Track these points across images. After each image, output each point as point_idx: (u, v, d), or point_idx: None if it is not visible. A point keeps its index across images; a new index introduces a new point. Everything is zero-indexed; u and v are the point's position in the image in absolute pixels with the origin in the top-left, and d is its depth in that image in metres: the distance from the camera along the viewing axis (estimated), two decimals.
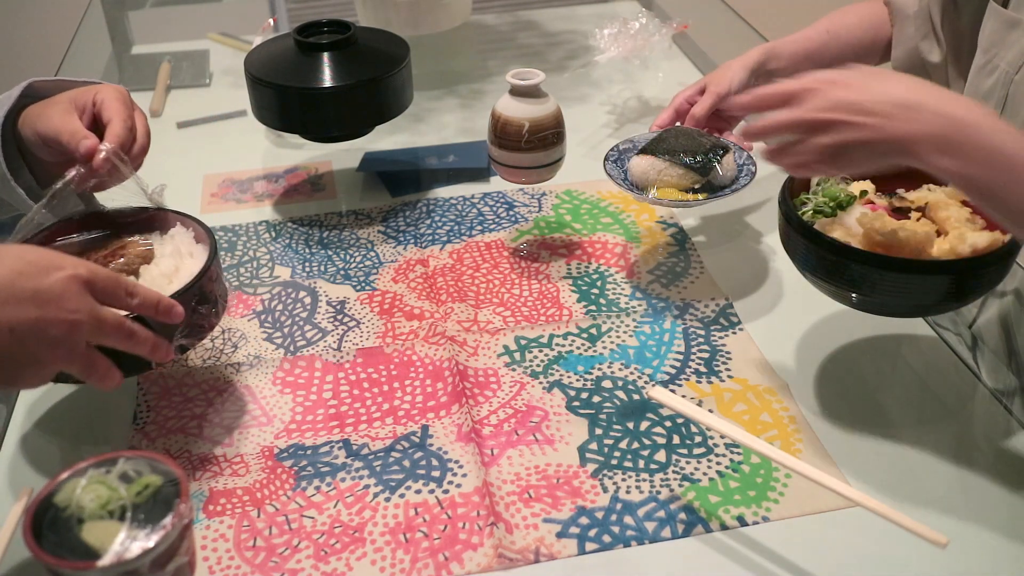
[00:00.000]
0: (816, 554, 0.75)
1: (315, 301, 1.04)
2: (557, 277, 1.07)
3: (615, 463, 0.84)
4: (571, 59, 1.58)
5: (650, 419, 0.88)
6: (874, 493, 0.71)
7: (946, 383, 0.94)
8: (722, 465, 0.83)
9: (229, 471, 0.84)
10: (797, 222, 0.87)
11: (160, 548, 0.64)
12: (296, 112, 1.14)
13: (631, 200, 1.21)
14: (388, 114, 1.17)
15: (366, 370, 0.95)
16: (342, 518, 0.79)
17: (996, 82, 0.99)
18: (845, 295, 0.87)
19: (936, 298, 0.84)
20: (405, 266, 1.10)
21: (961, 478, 0.82)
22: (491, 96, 1.44)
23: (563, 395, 0.91)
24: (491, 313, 1.02)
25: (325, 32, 1.19)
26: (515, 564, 0.75)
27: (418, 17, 1.57)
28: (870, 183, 0.95)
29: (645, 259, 1.10)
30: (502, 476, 0.83)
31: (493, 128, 1.04)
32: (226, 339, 0.99)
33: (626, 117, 1.41)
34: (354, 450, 0.86)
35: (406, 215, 1.19)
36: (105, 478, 0.67)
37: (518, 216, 1.18)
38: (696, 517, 0.79)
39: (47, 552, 0.63)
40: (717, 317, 1.01)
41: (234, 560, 0.76)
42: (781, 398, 0.90)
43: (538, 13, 1.79)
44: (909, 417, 0.89)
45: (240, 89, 1.19)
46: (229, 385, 0.93)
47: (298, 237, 1.15)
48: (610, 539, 0.77)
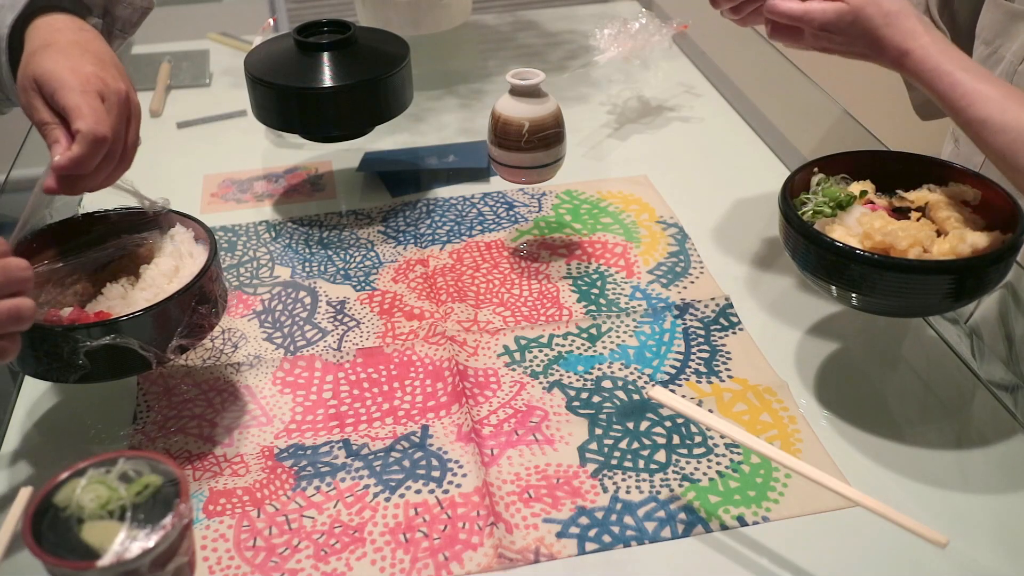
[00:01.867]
0: (816, 554, 0.75)
1: (315, 301, 1.04)
2: (557, 277, 1.07)
3: (615, 463, 0.84)
4: (571, 59, 1.58)
5: (650, 419, 0.88)
6: (874, 493, 0.70)
7: (946, 383, 0.94)
8: (722, 465, 0.83)
9: (229, 471, 0.84)
10: (797, 222, 0.87)
11: (160, 548, 0.64)
12: (296, 112, 1.14)
13: (631, 200, 1.21)
14: (388, 114, 1.17)
15: (366, 370, 0.95)
16: (342, 518, 0.79)
17: (1001, 72, 1.00)
18: (845, 295, 0.87)
19: (936, 298, 0.84)
20: (405, 266, 1.10)
21: (961, 478, 0.82)
22: (491, 96, 1.44)
23: (563, 395, 0.91)
24: (491, 313, 1.02)
25: (325, 32, 1.19)
26: (515, 564, 0.75)
27: (418, 17, 1.57)
28: (870, 183, 0.95)
29: (645, 259, 1.10)
30: (502, 476, 0.83)
31: (493, 128, 1.04)
32: (226, 339, 0.99)
33: (626, 117, 1.41)
34: (354, 450, 0.86)
35: (406, 215, 1.19)
36: (105, 478, 0.67)
37: (518, 216, 1.18)
38: (696, 517, 0.79)
39: (47, 552, 0.63)
40: (717, 317, 1.01)
41: (234, 560, 0.76)
42: (781, 398, 0.90)
43: (538, 13, 1.79)
44: (909, 417, 0.89)
45: (240, 89, 1.19)
46: (229, 385, 0.93)
47: (298, 237, 1.15)
48: (610, 539, 0.77)
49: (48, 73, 0.79)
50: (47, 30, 0.84)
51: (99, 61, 0.82)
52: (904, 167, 0.86)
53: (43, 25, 0.85)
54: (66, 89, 0.78)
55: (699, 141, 1.35)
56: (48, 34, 0.84)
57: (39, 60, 0.80)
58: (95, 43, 0.85)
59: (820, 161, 0.97)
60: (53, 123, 0.79)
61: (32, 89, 0.80)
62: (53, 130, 0.79)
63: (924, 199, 0.93)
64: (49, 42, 0.82)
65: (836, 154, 0.97)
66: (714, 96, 1.47)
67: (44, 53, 0.81)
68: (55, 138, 0.78)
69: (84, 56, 0.81)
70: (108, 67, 0.82)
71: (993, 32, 1.00)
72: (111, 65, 0.83)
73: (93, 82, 0.79)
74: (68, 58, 0.80)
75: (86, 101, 0.78)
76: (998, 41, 1.00)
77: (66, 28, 0.85)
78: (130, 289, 0.85)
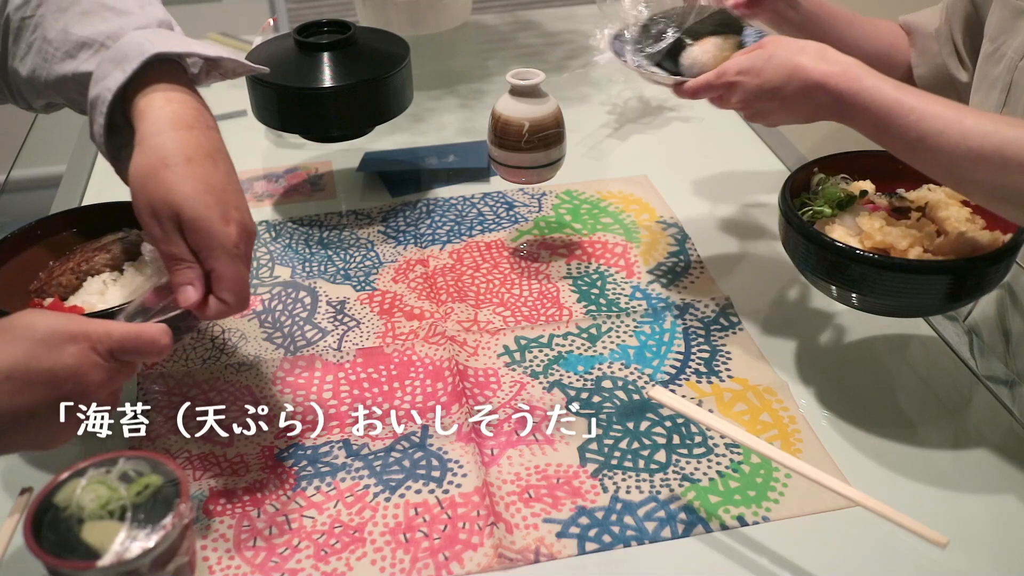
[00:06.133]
0: (816, 554, 0.75)
1: (315, 301, 1.04)
2: (557, 277, 1.07)
3: (615, 463, 0.84)
4: (571, 59, 1.58)
5: (650, 419, 0.88)
6: (874, 493, 0.70)
7: (946, 383, 0.94)
8: (722, 465, 0.83)
9: (229, 471, 0.84)
10: (797, 222, 0.87)
11: (160, 548, 0.64)
12: (296, 112, 1.14)
13: (631, 200, 1.21)
14: (388, 114, 1.17)
15: (366, 370, 0.95)
16: (342, 518, 0.79)
17: (1003, 69, 0.99)
18: (845, 295, 0.87)
19: (936, 298, 0.84)
20: (405, 266, 1.10)
21: (961, 478, 0.82)
22: (491, 96, 1.44)
23: (563, 395, 0.91)
24: (491, 313, 1.02)
25: (325, 32, 1.19)
26: (515, 564, 0.75)
27: (418, 17, 1.57)
28: (870, 183, 0.96)
29: (645, 259, 1.10)
30: (502, 476, 0.83)
31: (493, 128, 1.03)
32: (226, 339, 0.99)
33: (626, 117, 1.41)
34: (354, 450, 0.86)
35: (406, 215, 1.19)
36: (105, 478, 0.67)
37: (518, 216, 1.18)
38: (696, 517, 0.79)
39: (47, 552, 0.63)
40: (717, 317, 1.01)
41: (234, 560, 0.76)
42: (781, 398, 0.90)
43: (538, 13, 1.79)
44: (909, 417, 0.89)
45: (240, 89, 1.19)
46: (229, 385, 0.93)
47: (298, 237, 1.15)
48: (610, 539, 0.77)
49: (197, 222, 0.71)
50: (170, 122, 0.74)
51: (235, 188, 0.75)
52: (904, 167, 0.85)
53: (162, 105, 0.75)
54: (216, 248, 0.72)
55: (699, 141, 1.35)
56: (175, 133, 0.74)
57: (181, 188, 0.71)
58: (220, 146, 0.77)
59: (820, 161, 0.97)
60: (189, 262, 0.73)
61: (169, 218, 0.72)
62: (186, 271, 0.73)
63: (924, 199, 0.93)
64: (186, 153, 0.73)
65: (836, 154, 0.97)
66: None
67: (184, 177, 0.72)
68: (187, 280, 0.72)
69: (226, 190, 0.74)
70: (240, 190, 0.76)
71: (998, 29, 1.00)
72: (237, 182, 0.76)
73: (238, 239, 0.73)
74: (214, 198, 0.72)
75: (236, 270, 0.73)
76: (1002, 38, 1.00)
77: (195, 125, 0.75)
78: (111, 285, 0.85)
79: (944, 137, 0.76)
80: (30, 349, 0.64)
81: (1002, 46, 0.99)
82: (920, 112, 0.78)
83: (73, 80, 0.79)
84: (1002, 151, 0.74)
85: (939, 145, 0.77)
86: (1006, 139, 0.74)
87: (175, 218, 0.71)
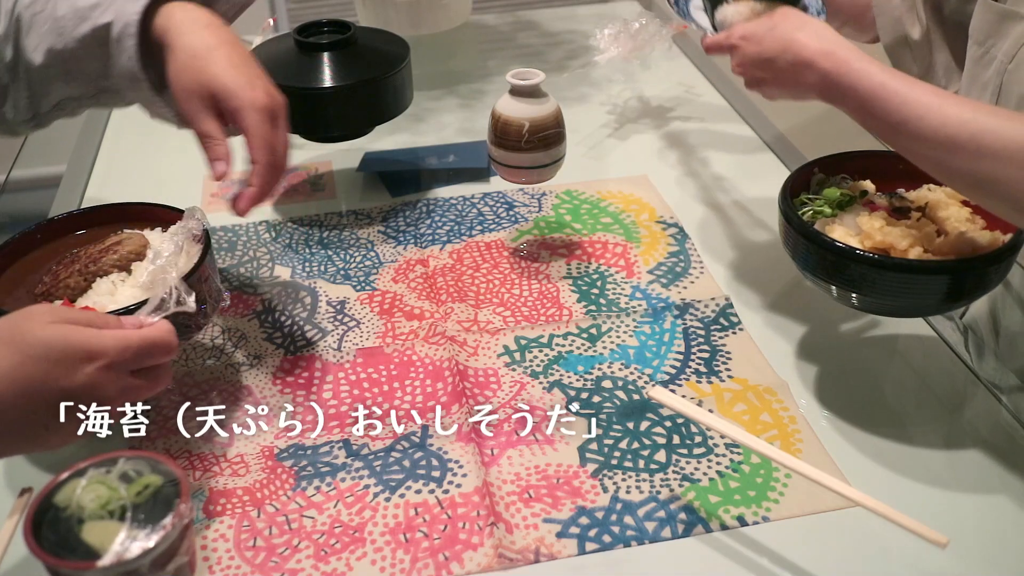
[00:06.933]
0: (816, 554, 0.75)
1: (315, 301, 1.04)
2: (557, 277, 1.07)
3: (615, 463, 0.84)
4: (571, 59, 1.58)
5: (650, 419, 0.88)
6: (874, 493, 0.70)
7: (946, 383, 0.94)
8: (722, 465, 0.83)
9: (229, 471, 0.84)
10: (797, 222, 0.87)
11: (160, 548, 0.64)
12: (296, 112, 1.13)
13: (631, 200, 1.21)
14: (388, 114, 1.17)
15: (366, 370, 0.95)
16: (342, 518, 0.79)
17: (993, 72, 1.00)
18: (845, 295, 0.87)
19: (936, 298, 0.84)
20: (405, 266, 1.10)
21: (961, 478, 0.82)
22: (491, 96, 1.44)
23: (563, 395, 0.91)
24: (491, 313, 1.02)
25: (325, 32, 1.19)
26: (515, 564, 0.75)
27: (418, 17, 1.57)
28: (870, 183, 0.96)
29: (645, 259, 1.10)
30: (502, 476, 0.83)
31: (493, 128, 1.03)
32: (226, 339, 0.99)
33: (626, 117, 1.41)
34: (354, 450, 0.86)
35: (406, 215, 1.19)
36: (105, 478, 0.67)
37: (518, 216, 1.18)
38: (696, 517, 0.79)
39: (47, 552, 0.63)
40: (717, 317, 1.01)
41: (234, 560, 0.76)
42: (781, 398, 0.90)
43: (538, 13, 1.79)
44: (909, 417, 0.89)
45: None
46: (229, 385, 0.93)
47: (298, 237, 1.15)
48: (610, 539, 0.77)
49: (227, 90, 0.82)
50: (192, 24, 0.85)
51: (258, 68, 0.85)
52: (904, 167, 0.85)
53: (182, 16, 0.85)
54: (245, 107, 0.82)
55: (699, 141, 1.35)
56: (198, 31, 0.84)
57: (210, 68, 0.82)
58: (236, 38, 0.86)
59: (820, 161, 0.97)
60: (220, 139, 0.83)
61: (203, 98, 0.83)
62: (218, 147, 0.83)
63: (924, 199, 0.93)
64: (209, 43, 0.84)
65: (836, 154, 0.98)
66: (714, 96, 1.47)
67: (212, 60, 0.83)
68: (218, 155, 0.83)
69: (249, 66, 0.84)
70: (264, 74, 0.85)
71: (985, 33, 1.00)
72: (258, 64, 0.86)
73: (266, 101, 0.83)
74: (239, 71, 0.83)
75: (265, 129, 0.82)
76: (990, 41, 1.00)
77: (212, 24, 0.85)
78: (120, 285, 0.85)
79: (924, 122, 0.77)
80: (45, 368, 0.66)
81: (991, 49, 1.00)
82: (903, 96, 0.78)
83: (92, 37, 0.85)
84: (977, 139, 0.75)
85: (919, 130, 0.78)
86: (983, 127, 0.74)
87: (209, 98, 0.82)
